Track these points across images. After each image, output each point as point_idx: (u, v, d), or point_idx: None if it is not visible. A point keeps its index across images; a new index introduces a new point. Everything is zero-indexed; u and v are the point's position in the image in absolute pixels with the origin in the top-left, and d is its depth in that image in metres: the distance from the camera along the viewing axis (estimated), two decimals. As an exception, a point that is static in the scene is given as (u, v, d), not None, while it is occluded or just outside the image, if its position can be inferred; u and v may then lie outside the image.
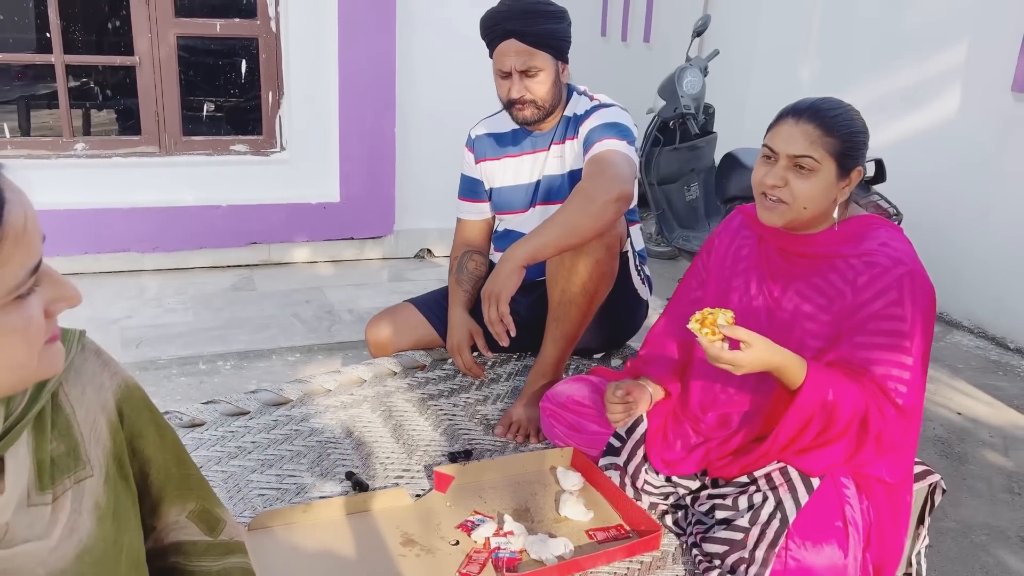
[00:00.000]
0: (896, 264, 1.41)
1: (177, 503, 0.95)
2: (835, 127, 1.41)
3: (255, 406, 1.88)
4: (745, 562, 1.36)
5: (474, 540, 1.47)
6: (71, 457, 0.80)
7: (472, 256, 2.23)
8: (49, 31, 3.77)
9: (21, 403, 0.75)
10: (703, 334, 1.34)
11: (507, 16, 1.95)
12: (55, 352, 0.72)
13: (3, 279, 0.63)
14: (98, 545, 0.79)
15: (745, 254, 1.63)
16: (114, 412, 0.86)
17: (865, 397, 1.37)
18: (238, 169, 4.08)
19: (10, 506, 0.72)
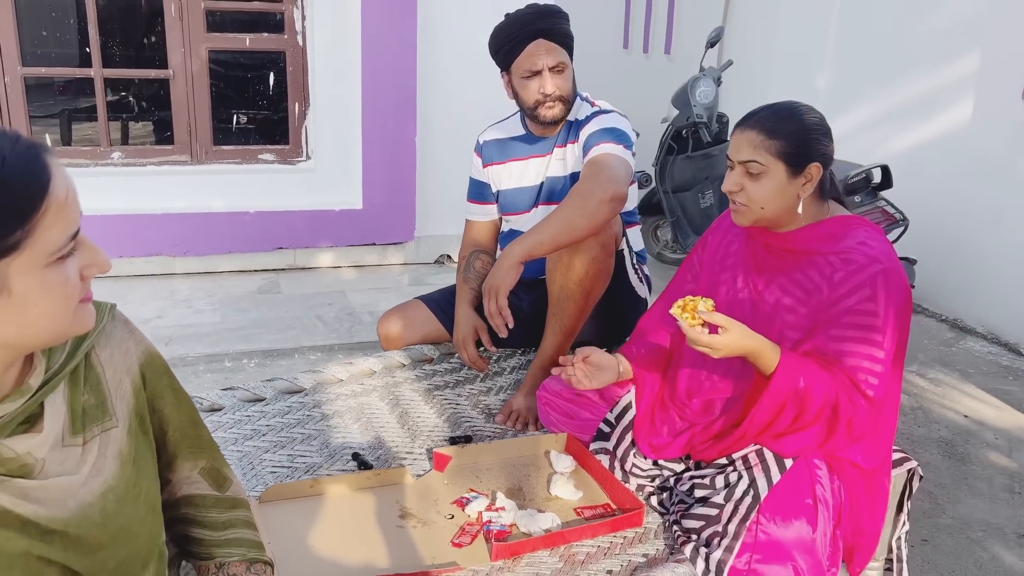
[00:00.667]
0: (872, 262, 1.48)
1: (190, 460, 1.07)
2: (776, 130, 1.50)
3: (271, 393, 2.01)
4: (719, 535, 1.44)
5: (467, 514, 1.57)
6: (99, 409, 0.92)
7: (479, 256, 2.34)
8: (89, 46, 3.97)
9: (60, 358, 0.88)
10: (684, 318, 1.43)
11: (536, 17, 2.08)
12: (87, 312, 0.84)
13: (48, 242, 0.76)
14: (120, 486, 0.92)
15: (734, 249, 1.72)
16: (137, 374, 0.99)
17: (836, 386, 1.45)
18: (265, 177, 4.25)
19: (47, 444, 0.84)
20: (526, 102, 2.14)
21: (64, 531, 0.85)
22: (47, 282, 0.78)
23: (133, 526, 0.93)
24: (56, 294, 0.79)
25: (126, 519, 0.92)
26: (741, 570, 1.40)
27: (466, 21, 4.13)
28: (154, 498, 0.99)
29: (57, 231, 0.78)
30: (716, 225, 1.82)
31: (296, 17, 4.14)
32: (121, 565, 0.91)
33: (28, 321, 0.78)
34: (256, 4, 4.35)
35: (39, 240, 0.76)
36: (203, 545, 1.08)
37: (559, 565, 1.45)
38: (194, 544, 1.09)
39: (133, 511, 0.93)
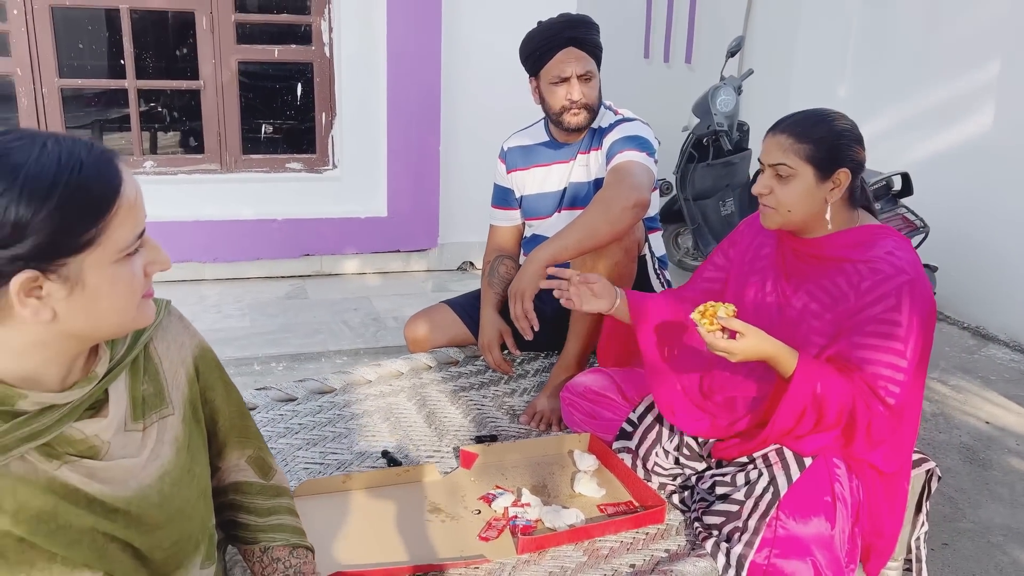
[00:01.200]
0: (899, 272, 1.51)
1: (238, 448, 1.13)
2: (806, 135, 1.54)
3: (302, 393, 2.07)
4: (739, 531, 1.48)
5: (494, 509, 1.62)
6: (157, 398, 0.99)
7: (503, 261, 2.40)
8: (123, 58, 4.09)
9: (121, 350, 0.94)
10: (702, 323, 1.47)
11: (567, 26, 2.15)
12: (149, 307, 0.91)
13: (118, 239, 0.83)
14: (175, 470, 0.98)
15: (765, 253, 1.75)
16: (191, 366, 1.06)
17: (853, 392, 1.48)
18: (293, 185, 4.33)
19: (111, 428, 0.91)
20: (552, 108, 2.20)
21: (126, 510, 0.91)
22: (116, 277, 0.85)
23: (187, 508, 0.99)
24: (123, 288, 0.86)
25: (181, 501, 0.98)
26: (760, 564, 1.44)
27: (490, 33, 4.20)
28: (205, 483, 1.06)
29: (126, 230, 0.84)
30: (749, 222, 1.84)
31: (323, 29, 4.23)
32: (176, 544, 0.97)
33: (98, 313, 0.84)
34: (284, 16, 4.46)
35: (111, 238, 0.83)
36: (249, 530, 1.14)
37: (583, 559, 1.49)
38: (240, 529, 1.15)
39: (187, 494, 1.00)
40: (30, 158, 0.80)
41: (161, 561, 0.96)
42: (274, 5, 4.41)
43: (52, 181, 0.80)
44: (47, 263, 0.80)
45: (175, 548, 0.97)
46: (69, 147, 0.83)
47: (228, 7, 4.06)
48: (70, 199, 0.80)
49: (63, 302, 0.83)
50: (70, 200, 0.80)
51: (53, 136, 0.84)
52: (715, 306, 1.49)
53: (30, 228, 0.79)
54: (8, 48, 3.85)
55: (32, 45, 3.85)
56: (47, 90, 3.93)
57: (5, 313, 0.82)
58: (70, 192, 0.80)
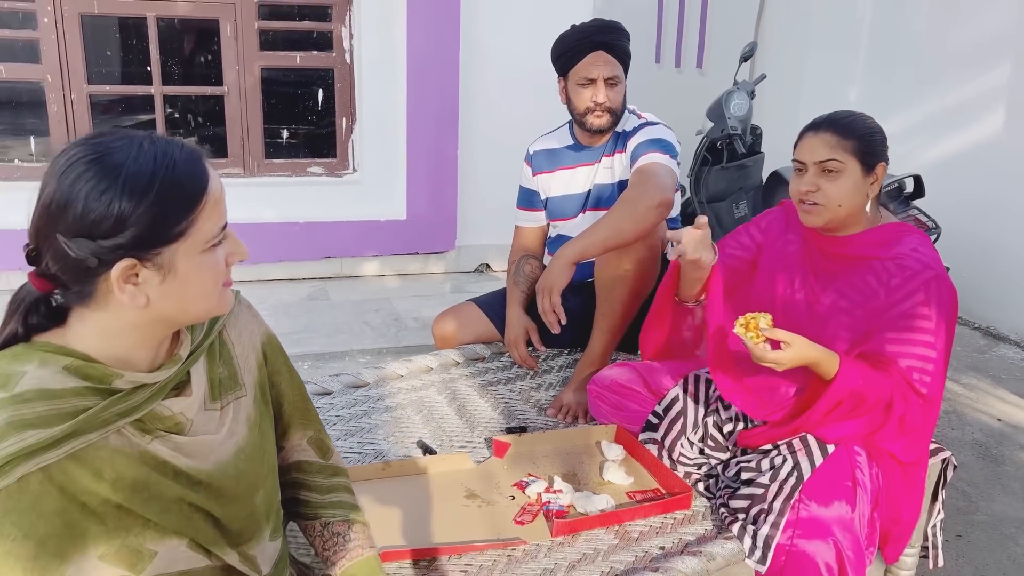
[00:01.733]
0: (925, 268, 1.59)
1: (300, 430, 1.22)
2: (850, 131, 1.61)
3: (338, 387, 2.15)
4: (765, 512, 1.55)
5: (528, 496, 1.69)
6: (232, 380, 1.07)
7: (528, 260, 2.48)
8: (150, 65, 4.19)
9: (200, 335, 1.02)
10: (748, 337, 1.51)
11: (599, 31, 2.23)
12: (228, 295, 0.99)
13: (205, 231, 0.91)
14: (249, 447, 1.06)
15: (792, 250, 1.81)
16: (260, 352, 1.14)
17: (891, 386, 1.54)
18: (314, 189, 4.42)
19: (194, 407, 0.99)
20: (577, 108, 2.27)
21: (208, 482, 0.99)
22: (203, 265, 0.93)
23: (259, 483, 1.07)
24: (209, 276, 0.94)
25: (254, 476, 1.06)
26: (784, 545, 1.51)
27: (507, 40, 4.28)
28: (274, 461, 1.14)
29: (212, 222, 0.92)
30: (774, 220, 1.88)
31: (344, 36, 4.33)
32: (250, 516, 1.05)
33: (186, 298, 0.93)
34: (306, 24, 4.55)
35: (199, 230, 0.91)
36: (310, 506, 1.22)
37: (615, 542, 1.57)
38: (302, 506, 1.23)
39: (259, 469, 1.07)
40: (129, 157, 0.88)
41: (237, 531, 1.03)
42: (296, 13, 4.50)
43: (150, 178, 0.88)
44: (144, 252, 0.88)
45: (249, 519, 1.05)
46: (163, 147, 0.91)
47: (252, 15, 4.16)
48: (166, 194, 0.88)
49: (156, 288, 0.91)
50: (166, 195, 0.88)
51: (148, 136, 0.92)
52: (756, 317, 1.52)
53: (130, 221, 0.87)
54: (38, 55, 3.95)
55: (62, 52, 3.95)
56: (76, 96, 4.03)
57: (104, 299, 0.90)
58: (165, 188, 0.88)
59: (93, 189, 0.86)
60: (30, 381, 0.86)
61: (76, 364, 0.89)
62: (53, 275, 0.90)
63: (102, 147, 0.88)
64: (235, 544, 1.03)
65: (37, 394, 0.85)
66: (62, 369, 0.88)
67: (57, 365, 0.89)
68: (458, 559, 1.48)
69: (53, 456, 0.84)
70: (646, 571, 1.46)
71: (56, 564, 0.84)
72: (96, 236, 0.86)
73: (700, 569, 1.49)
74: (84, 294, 0.90)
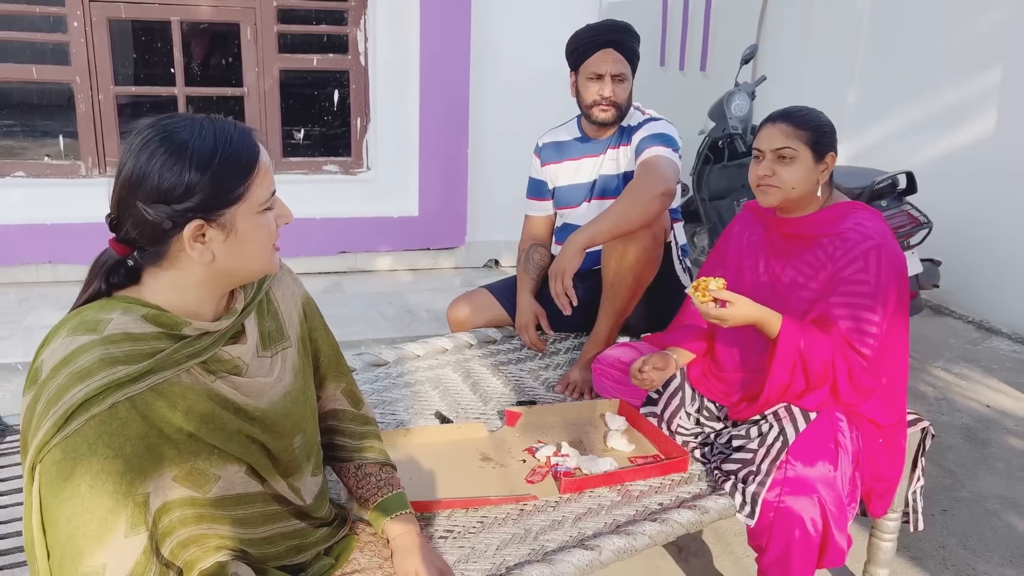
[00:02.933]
0: (865, 239, 1.75)
1: (334, 381, 1.38)
2: (803, 122, 1.78)
3: (360, 365, 2.31)
4: (753, 473, 1.70)
5: (537, 459, 1.85)
6: (279, 333, 1.23)
7: (537, 249, 2.63)
8: (173, 67, 4.36)
9: (252, 292, 1.18)
10: (696, 296, 1.72)
11: (611, 29, 2.40)
12: (277, 255, 1.15)
13: (259, 195, 1.07)
14: (294, 391, 1.22)
15: (755, 239, 1.99)
16: (301, 310, 1.30)
17: (832, 345, 1.71)
18: (330, 187, 4.59)
19: (249, 353, 1.15)
20: (584, 101, 2.43)
21: (262, 419, 1.15)
22: (259, 224, 1.09)
23: (302, 423, 1.23)
24: (264, 234, 1.10)
25: (298, 417, 1.22)
26: (772, 502, 1.66)
27: (516, 42, 4.44)
28: (314, 406, 1.30)
29: (264, 188, 1.09)
30: (737, 219, 2.09)
31: (359, 39, 4.49)
32: (298, 449, 1.21)
33: (245, 254, 1.09)
34: (323, 27, 4.72)
35: (254, 194, 1.07)
36: (345, 451, 1.38)
37: (617, 498, 1.72)
38: (337, 450, 1.39)
39: (303, 411, 1.23)
40: (194, 135, 1.04)
41: (286, 463, 1.19)
42: (314, 16, 4.67)
43: (212, 151, 1.04)
44: (210, 214, 1.05)
45: (296, 452, 1.21)
46: (220, 125, 1.07)
47: (271, 19, 4.33)
48: (225, 164, 1.05)
49: (221, 245, 1.07)
50: (225, 165, 1.05)
51: (208, 117, 1.08)
52: (707, 281, 1.72)
53: (198, 187, 1.03)
54: (68, 57, 4.13)
55: (90, 54, 4.12)
56: (103, 97, 4.20)
57: (176, 257, 1.06)
58: (225, 159, 1.05)
59: (165, 163, 1.02)
60: (116, 326, 1.02)
61: (152, 313, 1.06)
62: (132, 239, 1.06)
63: (170, 128, 1.05)
64: (284, 475, 1.19)
65: (122, 336, 1.02)
66: (140, 317, 1.05)
67: (136, 314, 1.05)
68: (475, 512, 1.63)
69: (137, 388, 1.00)
70: (646, 522, 1.61)
71: (140, 480, 1.00)
72: (170, 201, 1.02)
73: (695, 520, 1.64)
74: (158, 254, 1.06)
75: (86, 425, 0.96)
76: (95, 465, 0.96)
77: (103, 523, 0.97)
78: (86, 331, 1.01)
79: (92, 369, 0.98)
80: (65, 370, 0.98)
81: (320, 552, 1.27)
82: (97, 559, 0.97)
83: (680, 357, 2.03)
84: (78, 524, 0.96)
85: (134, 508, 0.99)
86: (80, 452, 0.96)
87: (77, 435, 0.96)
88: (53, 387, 0.98)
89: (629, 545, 1.54)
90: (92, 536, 0.97)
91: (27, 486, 0.99)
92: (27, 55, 4.47)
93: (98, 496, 0.96)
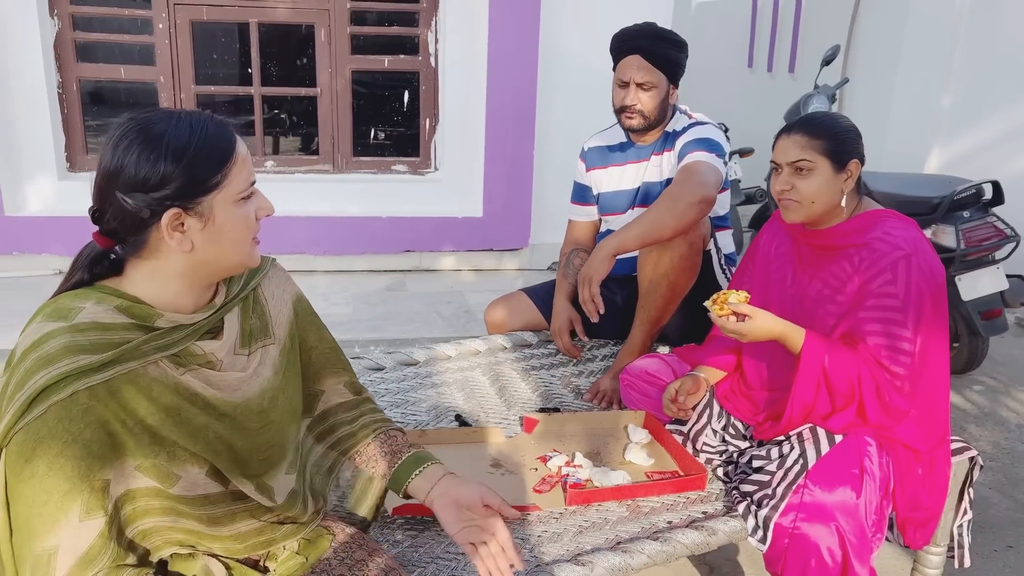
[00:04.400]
0: (894, 249, 1.63)
1: (334, 376, 1.39)
2: (819, 131, 1.67)
3: (390, 364, 2.32)
4: (768, 497, 1.61)
5: (549, 468, 1.80)
6: (263, 330, 1.24)
7: (579, 254, 2.58)
8: (251, 67, 4.51)
9: (235, 289, 1.19)
10: (713, 310, 1.64)
11: (638, 35, 2.30)
12: (257, 250, 1.16)
13: (236, 184, 1.08)
14: (271, 389, 1.23)
15: (783, 251, 1.88)
16: (291, 310, 1.31)
17: (859, 362, 1.60)
18: (397, 186, 4.65)
19: (224, 349, 1.16)
20: (614, 105, 2.38)
21: (232, 415, 1.15)
22: (236, 215, 1.10)
23: (279, 421, 1.23)
24: (241, 224, 1.11)
25: (275, 415, 1.22)
26: (786, 527, 1.56)
27: (585, 42, 4.38)
28: (296, 405, 1.30)
29: (241, 178, 1.09)
30: (764, 231, 1.99)
31: (430, 40, 4.53)
32: (270, 449, 1.21)
33: (223, 244, 1.09)
34: (395, 29, 4.79)
35: (231, 183, 1.08)
36: (349, 438, 1.39)
37: (625, 514, 1.66)
38: (343, 442, 1.39)
39: (281, 408, 1.24)
40: (170, 126, 1.06)
41: (257, 463, 1.19)
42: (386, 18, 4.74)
43: (187, 141, 1.05)
44: (187, 202, 1.06)
45: (268, 453, 1.21)
46: (197, 117, 1.09)
47: (344, 20, 4.42)
48: (200, 153, 1.06)
49: (199, 234, 1.08)
50: (200, 154, 1.06)
51: (184, 111, 1.10)
52: (727, 294, 1.65)
53: (174, 175, 1.04)
54: (153, 58, 4.33)
55: (174, 55, 4.31)
56: (185, 96, 4.39)
57: (155, 247, 1.08)
58: (200, 148, 1.06)
59: (142, 153, 1.04)
60: (87, 315, 1.05)
61: (126, 304, 1.08)
62: (113, 230, 1.08)
63: (146, 120, 1.07)
64: (253, 475, 1.19)
65: (90, 326, 1.04)
66: (114, 308, 1.07)
67: (110, 304, 1.07)
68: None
69: (99, 378, 1.02)
70: (647, 540, 1.54)
71: (98, 466, 1.02)
72: (147, 190, 1.05)
73: (701, 542, 1.56)
74: (138, 243, 1.08)
75: (48, 411, 0.99)
76: (54, 449, 0.99)
77: (58, 506, 0.99)
78: (57, 318, 1.05)
79: (56, 356, 1.01)
80: (32, 355, 1.02)
81: (292, 551, 1.26)
82: (50, 540, 0.99)
83: (710, 376, 1.95)
84: (35, 505, 0.99)
85: (91, 493, 1.01)
86: (41, 436, 0.99)
87: (39, 420, 0.99)
88: (20, 371, 1.01)
89: (624, 563, 1.47)
90: (47, 517, 0.99)
91: None
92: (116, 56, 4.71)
93: (55, 479, 0.99)
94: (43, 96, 4.14)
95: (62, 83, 4.25)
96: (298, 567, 1.25)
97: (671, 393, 1.90)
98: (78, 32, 4.28)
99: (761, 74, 7.25)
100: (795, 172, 1.70)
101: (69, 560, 1.00)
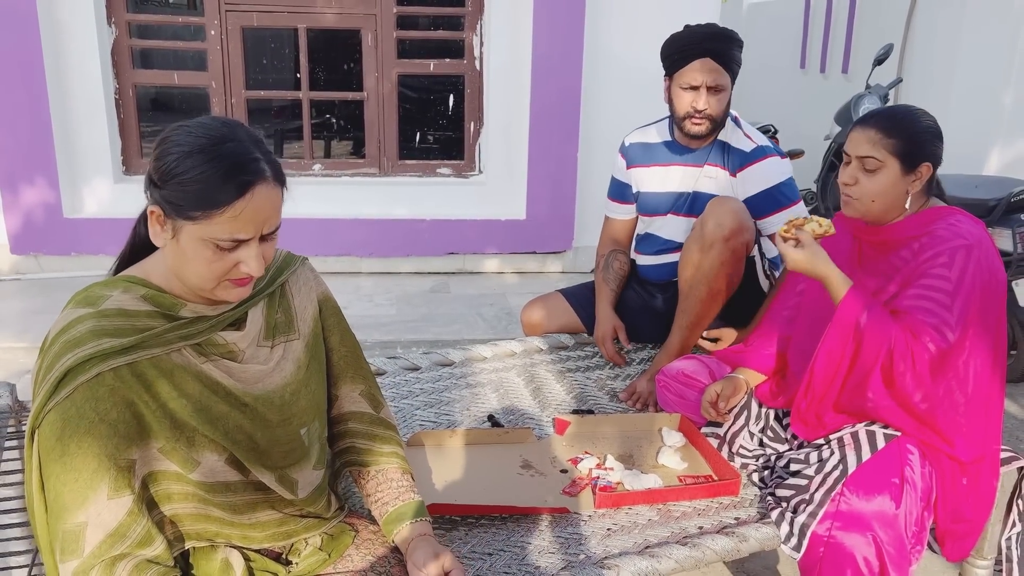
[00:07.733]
0: (955, 237, 1.58)
1: (350, 383, 1.38)
2: (896, 129, 1.60)
3: (426, 364, 2.33)
4: (805, 503, 1.57)
5: (579, 470, 1.78)
6: (287, 325, 1.26)
7: (617, 256, 2.55)
8: (299, 72, 4.58)
9: (261, 285, 1.21)
10: (781, 229, 1.67)
11: (707, 37, 2.21)
12: (235, 291, 1.13)
13: (214, 231, 1.06)
14: (294, 383, 1.24)
15: (842, 247, 1.83)
16: (316, 307, 1.32)
17: (895, 332, 1.55)
18: (442, 189, 4.67)
19: (246, 341, 1.18)
20: (677, 112, 2.28)
21: (253, 406, 1.17)
22: (197, 251, 1.07)
23: (301, 416, 1.24)
24: (201, 262, 1.08)
25: (296, 409, 1.23)
26: (822, 536, 1.52)
27: (630, 45, 4.35)
28: (320, 400, 1.31)
29: (223, 230, 1.06)
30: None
31: (475, 44, 4.55)
32: (291, 442, 1.22)
33: (182, 266, 1.10)
34: (441, 33, 4.82)
35: (209, 226, 1.06)
36: (364, 454, 1.38)
37: (655, 518, 1.63)
38: (357, 454, 1.38)
39: (303, 404, 1.25)
40: (193, 147, 1.06)
41: (279, 455, 1.20)
42: (431, 22, 4.78)
43: (186, 168, 1.05)
44: (167, 209, 1.07)
45: (290, 446, 1.22)
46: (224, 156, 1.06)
47: (391, 25, 4.47)
48: (190, 185, 1.05)
49: (168, 242, 1.09)
50: (190, 186, 1.05)
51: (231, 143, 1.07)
52: (807, 220, 1.66)
53: (171, 183, 1.06)
54: (205, 64, 4.43)
55: (225, 61, 4.41)
56: (235, 100, 4.49)
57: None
58: (193, 180, 1.05)
59: (158, 147, 1.09)
60: (113, 302, 1.09)
61: (151, 294, 1.11)
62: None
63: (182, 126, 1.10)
64: (275, 467, 1.20)
65: (116, 312, 1.07)
66: (140, 296, 1.11)
67: (136, 293, 1.11)
68: (501, 520, 1.59)
69: (122, 361, 1.05)
70: (676, 545, 1.51)
71: (124, 445, 1.05)
72: (155, 179, 1.08)
73: (731, 549, 1.53)
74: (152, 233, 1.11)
75: (75, 391, 1.02)
76: (81, 428, 1.02)
77: (88, 483, 1.03)
78: (86, 304, 1.09)
79: (82, 339, 1.04)
80: (61, 339, 1.06)
81: (315, 547, 1.27)
82: (79, 517, 1.03)
83: (749, 378, 1.91)
84: (65, 482, 1.03)
85: (117, 472, 1.04)
86: (69, 415, 1.03)
87: (67, 400, 1.03)
88: (50, 354, 1.06)
89: (652, 568, 1.45)
90: (76, 495, 1.03)
91: (27, 448, 1.07)
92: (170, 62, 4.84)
93: (84, 457, 1.02)
94: (100, 102, 4.27)
95: (119, 89, 4.39)
96: (320, 563, 1.26)
97: (711, 396, 1.86)
98: (134, 39, 4.42)
99: (814, 75, 7.10)
100: (862, 167, 1.65)
101: (98, 535, 1.03)
